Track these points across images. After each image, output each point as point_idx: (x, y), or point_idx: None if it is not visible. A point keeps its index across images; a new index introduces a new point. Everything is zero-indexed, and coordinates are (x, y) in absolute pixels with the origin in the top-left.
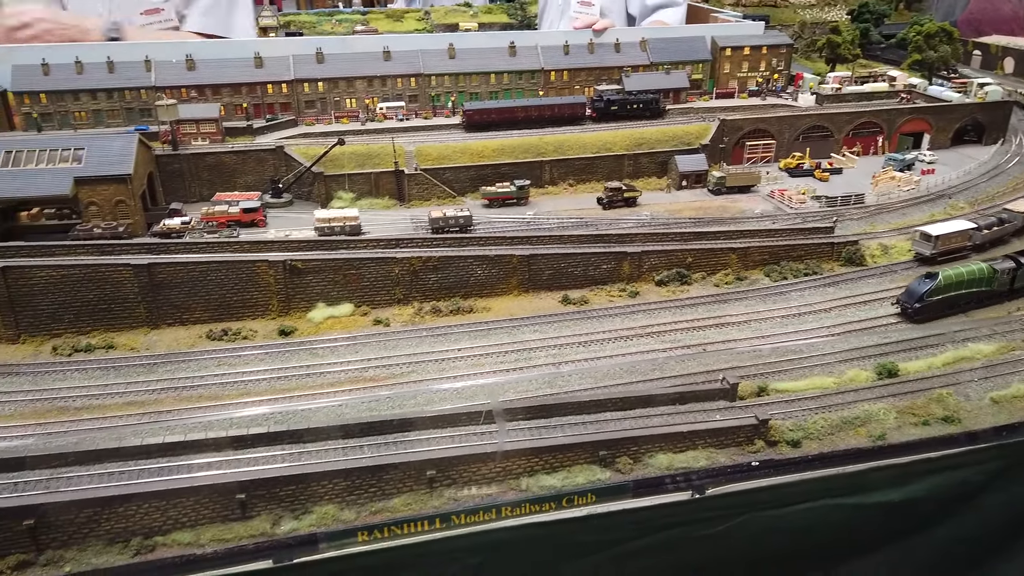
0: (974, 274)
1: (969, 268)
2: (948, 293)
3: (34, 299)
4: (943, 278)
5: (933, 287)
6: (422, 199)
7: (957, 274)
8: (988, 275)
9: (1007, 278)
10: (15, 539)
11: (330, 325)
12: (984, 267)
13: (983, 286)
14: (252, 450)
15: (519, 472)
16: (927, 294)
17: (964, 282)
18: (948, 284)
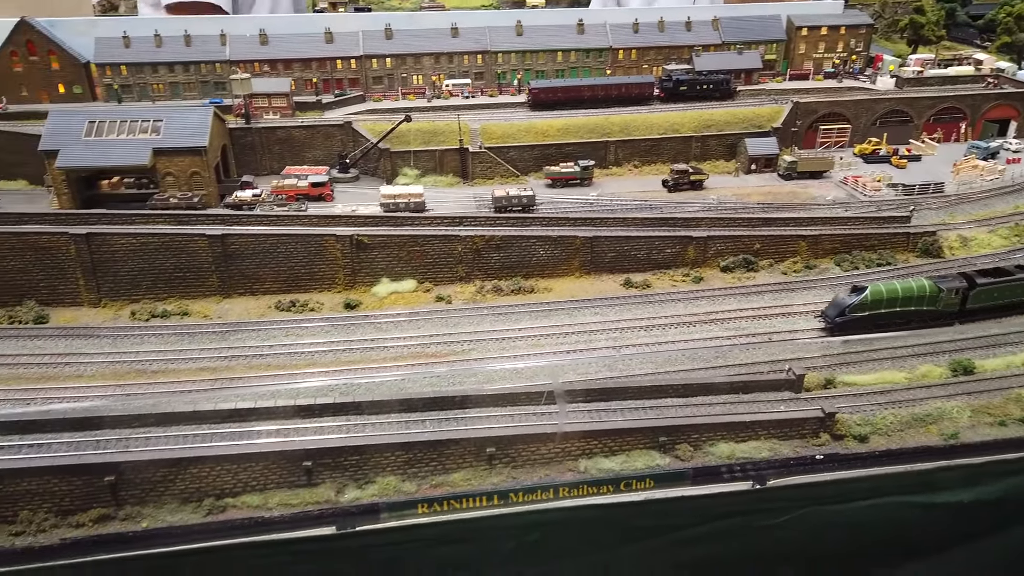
0: (911, 291)
1: (907, 284)
2: (876, 310)
3: (115, 265)
4: (871, 293)
5: (857, 302)
6: (485, 178)
7: (890, 290)
8: (931, 293)
9: (955, 298)
10: (97, 494)
11: (393, 300)
12: (926, 284)
13: (924, 305)
14: (318, 419)
15: (578, 454)
16: (850, 309)
17: (898, 299)
18: (877, 300)
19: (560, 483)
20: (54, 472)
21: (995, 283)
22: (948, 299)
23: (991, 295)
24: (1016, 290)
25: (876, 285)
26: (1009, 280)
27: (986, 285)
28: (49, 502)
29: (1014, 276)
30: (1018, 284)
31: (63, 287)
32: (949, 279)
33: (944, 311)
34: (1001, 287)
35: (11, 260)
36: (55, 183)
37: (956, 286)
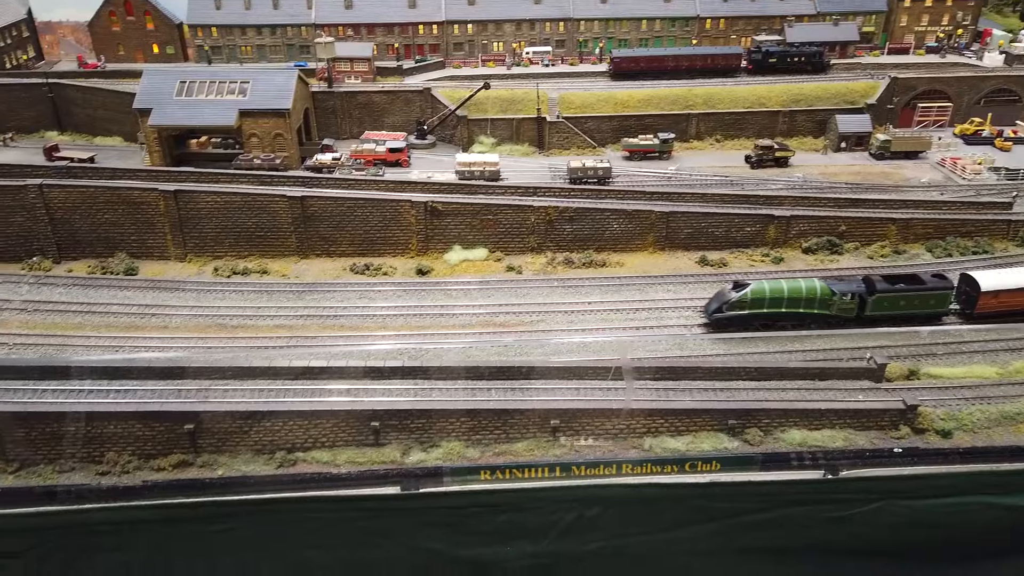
0: (799, 292)
1: (794, 285)
2: (756, 309)
3: (200, 222)
4: (752, 292)
5: (735, 300)
6: (562, 148)
7: (774, 289)
8: (822, 296)
9: (851, 303)
10: (177, 440)
11: (465, 268)
12: (817, 286)
13: (814, 308)
14: (387, 382)
15: (643, 431)
16: (728, 306)
17: (783, 300)
18: (757, 299)
19: (623, 459)
20: (138, 417)
21: (898, 291)
22: (842, 304)
23: (895, 303)
24: (924, 301)
25: (760, 283)
26: (915, 289)
27: (887, 292)
28: (133, 445)
29: (922, 285)
30: (926, 294)
31: (152, 241)
32: (847, 282)
33: (840, 316)
34: (906, 296)
35: (106, 213)
36: (148, 141)
37: (852, 290)
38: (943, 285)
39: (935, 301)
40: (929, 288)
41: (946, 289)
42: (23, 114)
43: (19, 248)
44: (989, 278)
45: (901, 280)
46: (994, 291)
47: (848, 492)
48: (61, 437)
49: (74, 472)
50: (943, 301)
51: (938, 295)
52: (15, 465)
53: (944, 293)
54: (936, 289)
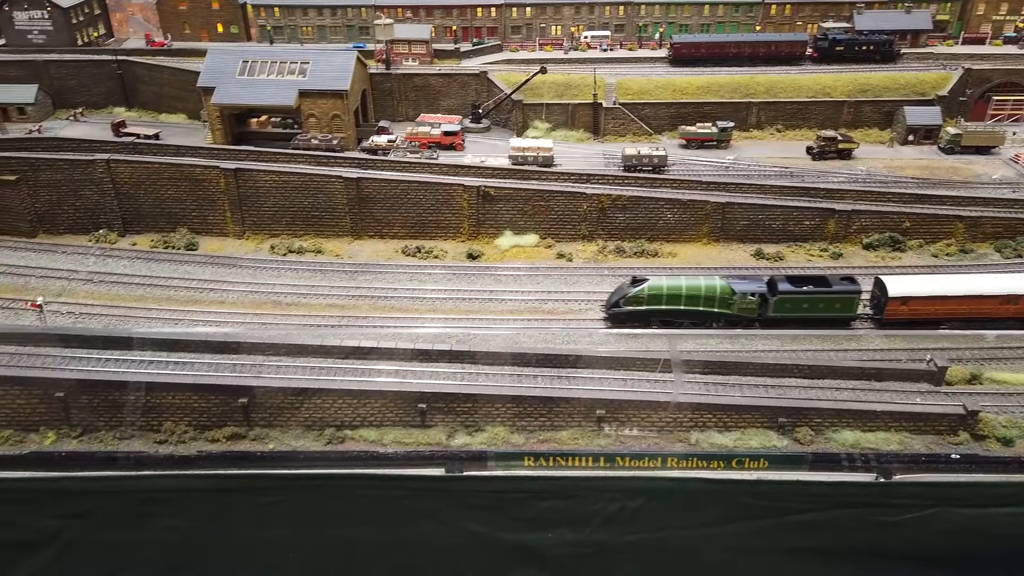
0: (698, 291)
1: (694, 283)
2: (653, 306)
3: (258, 200)
4: (649, 288)
5: (632, 295)
6: (617, 134)
7: (672, 287)
8: (721, 295)
9: (751, 303)
10: (231, 413)
11: (515, 254)
12: (717, 285)
13: (714, 307)
14: (434, 364)
15: (690, 425)
16: (624, 301)
17: (681, 297)
18: (655, 296)
19: (669, 453)
20: (195, 389)
21: (801, 293)
22: (743, 304)
23: (798, 305)
24: (830, 304)
25: (658, 280)
26: (819, 292)
27: (789, 294)
28: (190, 416)
29: (827, 288)
30: (831, 298)
31: (212, 217)
32: (749, 282)
33: (741, 316)
34: (810, 298)
35: (169, 189)
36: (210, 119)
37: (753, 291)
38: (850, 289)
39: (841, 305)
40: (835, 291)
41: (852, 293)
42: (93, 90)
43: (87, 221)
44: (899, 284)
45: (809, 282)
46: (902, 297)
47: (901, 497)
48: (122, 405)
49: (133, 439)
50: (850, 305)
51: (844, 299)
52: (79, 430)
53: (850, 297)
54: (842, 293)
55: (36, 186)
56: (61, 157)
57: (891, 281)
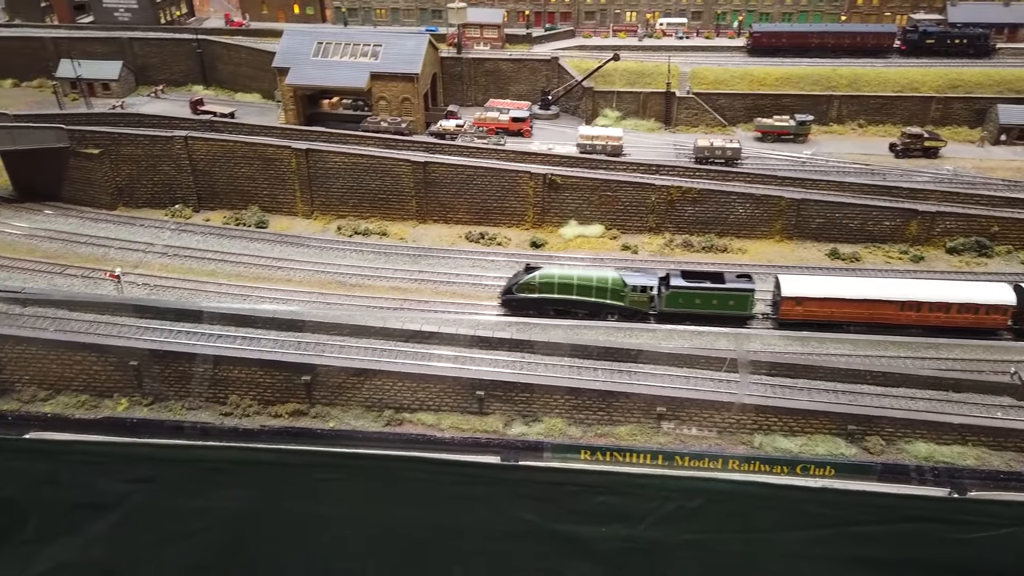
0: (589, 281)
1: (586, 274)
2: (547, 294)
3: (327, 181)
4: (540, 276)
5: (523, 282)
6: (689, 125)
7: (564, 276)
8: (613, 287)
9: (642, 297)
10: (294, 390)
11: (579, 244)
12: (609, 277)
13: (606, 298)
14: (494, 352)
15: (754, 428)
16: (517, 288)
17: (573, 287)
18: (546, 284)
19: (730, 455)
20: (260, 365)
21: (693, 288)
22: (634, 296)
23: (691, 300)
24: (723, 301)
25: (551, 268)
26: (712, 288)
27: (680, 288)
28: (254, 391)
29: (721, 285)
30: (725, 295)
31: (283, 196)
32: (643, 275)
33: (634, 309)
34: (703, 294)
35: (242, 167)
36: (284, 99)
37: (644, 284)
38: (743, 287)
39: (735, 303)
40: (728, 289)
41: (746, 291)
42: (174, 68)
43: (164, 195)
44: (794, 284)
45: (705, 278)
46: (796, 297)
47: (976, 514)
48: (191, 376)
49: (200, 410)
50: (743, 303)
51: (738, 296)
52: (150, 398)
53: (744, 295)
54: (736, 291)
55: (117, 160)
56: (142, 132)
57: (786, 281)
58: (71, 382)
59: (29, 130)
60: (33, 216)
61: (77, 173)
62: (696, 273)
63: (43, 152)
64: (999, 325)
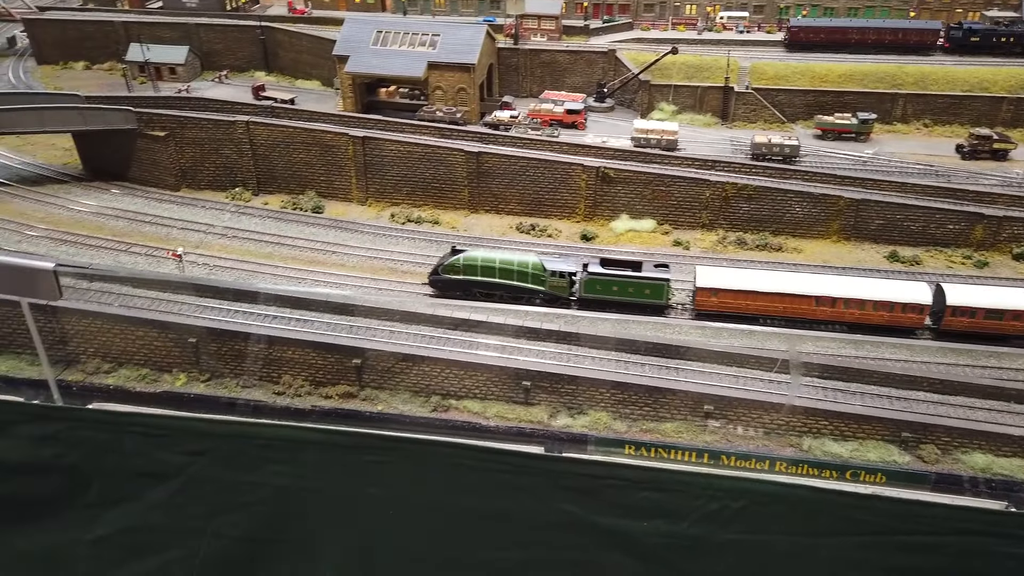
0: (511, 265)
1: (508, 258)
2: (469, 276)
3: (382, 169)
4: (464, 259)
5: (448, 263)
6: (747, 121)
7: (486, 259)
8: (534, 271)
9: (562, 282)
10: (344, 373)
11: (630, 238)
12: (530, 261)
13: (528, 283)
14: (541, 343)
15: (803, 430)
16: (442, 269)
17: (495, 270)
18: (470, 266)
19: (778, 456)
20: (313, 346)
21: (610, 276)
22: (553, 282)
23: (608, 288)
24: (639, 289)
25: (476, 251)
26: (628, 277)
27: (597, 275)
28: (306, 372)
29: (637, 274)
30: (640, 283)
31: (339, 183)
32: (562, 261)
33: (554, 294)
34: (619, 282)
35: (301, 153)
36: (343, 86)
37: (563, 270)
38: (659, 277)
39: (651, 291)
40: (644, 278)
41: (661, 281)
42: (238, 53)
43: (225, 178)
44: (709, 275)
45: (624, 266)
46: (711, 288)
47: None
48: (246, 356)
49: (254, 388)
50: (659, 292)
51: (654, 286)
52: (207, 375)
53: (659, 285)
54: (651, 280)
55: (182, 143)
56: (205, 117)
57: (701, 272)
58: (133, 356)
59: (99, 112)
60: (101, 195)
61: (143, 155)
62: (615, 261)
63: (112, 133)
64: (916, 324)
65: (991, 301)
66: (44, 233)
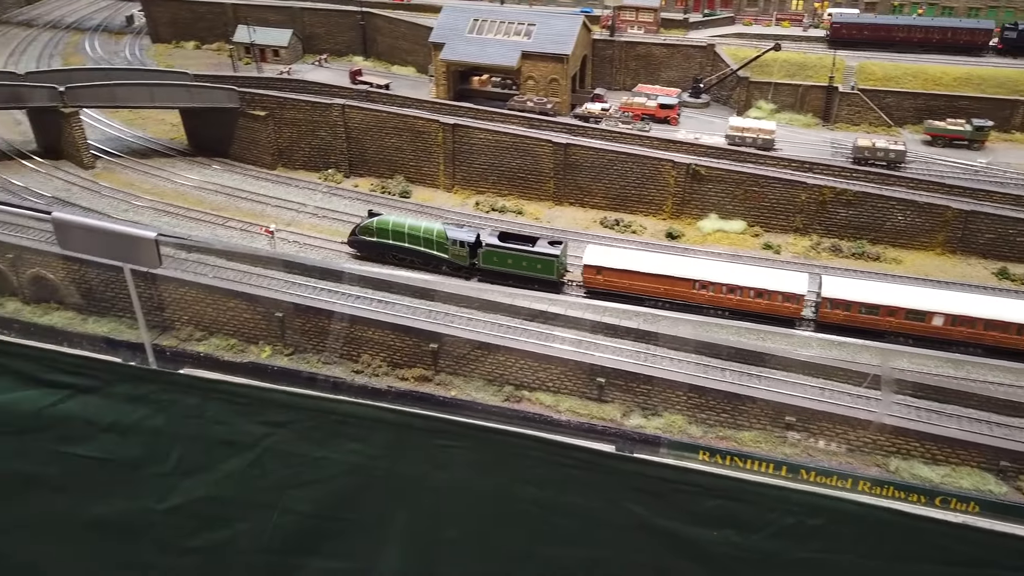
0: (417, 231)
1: (416, 224)
2: (383, 239)
3: (470, 157)
4: (378, 222)
5: (363, 225)
6: (850, 123)
7: (396, 224)
8: (438, 239)
9: (462, 252)
10: (421, 356)
11: (717, 239)
12: (435, 229)
13: (433, 250)
14: (619, 340)
15: (891, 451)
16: (358, 230)
17: (405, 235)
18: (382, 230)
19: (861, 476)
20: (393, 328)
21: (504, 248)
22: (455, 251)
23: (503, 260)
24: (531, 264)
25: (389, 216)
26: (521, 250)
27: (492, 247)
28: (385, 353)
29: (528, 248)
30: (532, 258)
31: (427, 169)
32: (466, 231)
33: (455, 262)
34: (513, 255)
35: (392, 138)
36: (437, 74)
37: (463, 239)
38: (547, 252)
39: (542, 266)
40: (534, 252)
41: (550, 256)
42: (338, 38)
43: (318, 159)
44: (595, 253)
45: (509, 238)
46: (596, 266)
47: None
48: (328, 333)
49: (334, 365)
50: (549, 268)
51: (543, 261)
52: (290, 349)
53: (548, 260)
54: (540, 255)
55: (280, 123)
56: (304, 98)
57: (589, 250)
58: (223, 326)
59: (205, 90)
60: (203, 170)
61: (244, 133)
62: (513, 235)
63: (216, 111)
64: (793, 314)
65: (867, 295)
66: (149, 204)
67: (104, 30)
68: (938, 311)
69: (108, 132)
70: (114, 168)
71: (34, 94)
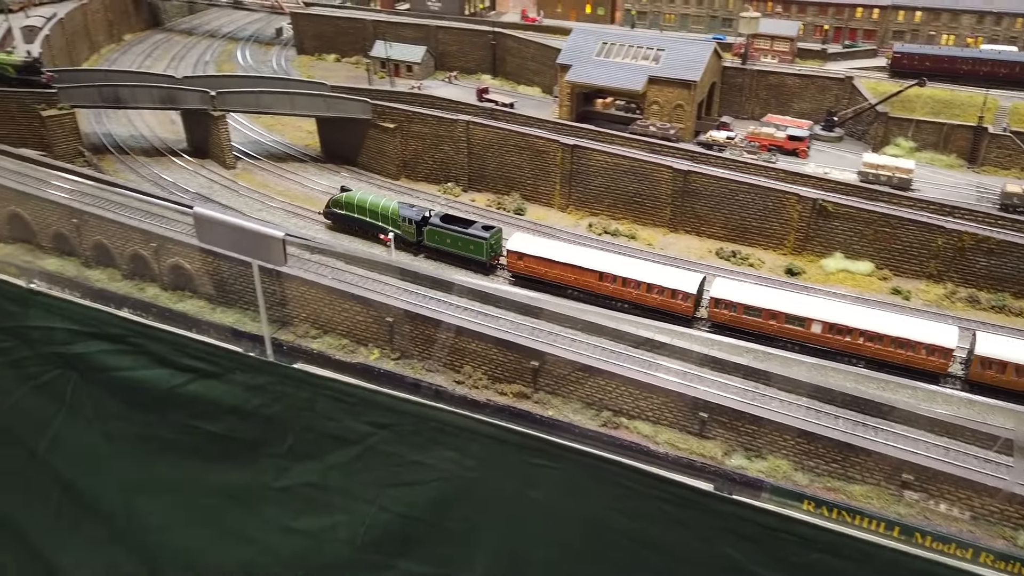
0: (376, 207)
1: (374, 200)
2: (349, 212)
3: (587, 178)
4: (346, 197)
5: (334, 199)
6: (999, 167)
7: (360, 200)
8: (392, 216)
9: (411, 229)
10: (521, 373)
11: (841, 279)
12: (390, 206)
13: (388, 224)
14: (726, 376)
15: (1021, 523)
16: (331, 203)
17: (366, 210)
18: (348, 203)
19: (984, 547)
20: (496, 343)
21: (444, 228)
22: (404, 227)
23: (443, 239)
24: (465, 244)
25: (357, 192)
26: (457, 231)
27: (435, 227)
28: (486, 366)
29: (464, 230)
30: (466, 239)
31: (543, 187)
32: (416, 210)
33: (405, 237)
34: (451, 235)
35: (512, 155)
36: (561, 94)
37: (411, 217)
38: (479, 235)
39: (474, 247)
40: (467, 234)
41: (480, 239)
42: (469, 56)
43: (440, 173)
44: (518, 240)
45: (449, 221)
46: (518, 252)
47: None
48: (434, 341)
49: (437, 374)
50: (479, 249)
51: (475, 242)
52: (397, 354)
53: (479, 242)
54: (473, 236)
55: (407, 136)
56: (431, 113)
57: (514, 236)
58: (337, 326)
59: (341, 101)
60: (332, 176)
61: (373, 143)
62: (455, 218)
63: (349, 121)
64: (685, 312)
65: (750, 298)
66: (280, 205)
67: (255, 40)
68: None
69: (250, 135)
70: (252, 169)
71: (188, 97)
